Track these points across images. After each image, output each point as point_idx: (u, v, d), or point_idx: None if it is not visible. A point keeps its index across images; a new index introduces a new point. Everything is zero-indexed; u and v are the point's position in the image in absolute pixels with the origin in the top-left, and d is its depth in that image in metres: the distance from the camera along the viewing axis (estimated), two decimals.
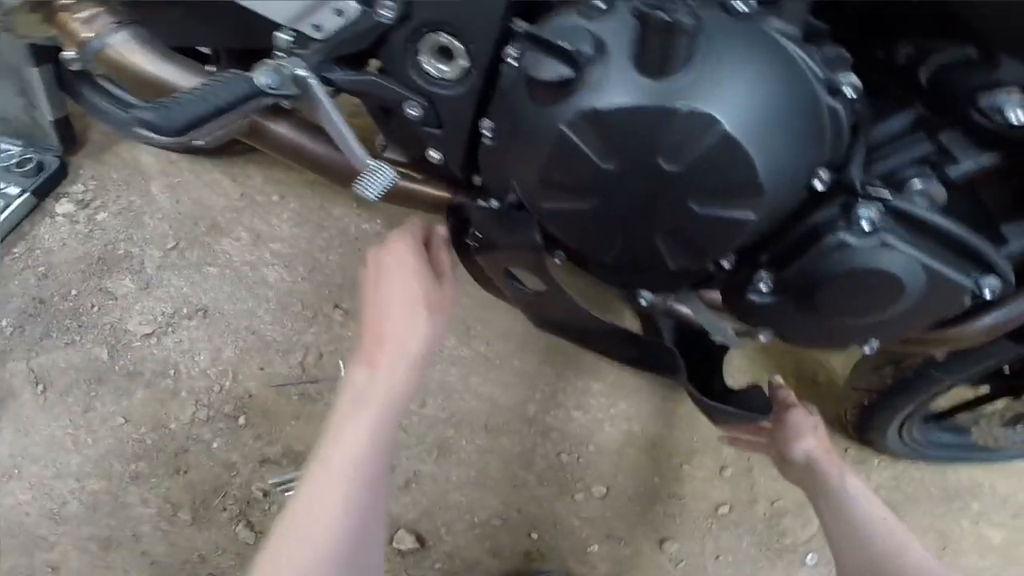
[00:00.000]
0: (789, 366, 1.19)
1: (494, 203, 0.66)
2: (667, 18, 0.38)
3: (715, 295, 0.76)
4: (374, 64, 0.67)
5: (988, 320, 0.56)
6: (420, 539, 0.98)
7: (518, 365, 1.11)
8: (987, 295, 0.48)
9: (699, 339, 0.79)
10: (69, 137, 1.18)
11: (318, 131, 0.75)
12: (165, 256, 1.13)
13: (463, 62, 0.58)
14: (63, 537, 0.93)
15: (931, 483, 1.12)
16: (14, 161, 1.14)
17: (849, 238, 0.47)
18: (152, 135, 0.53)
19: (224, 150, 1.21)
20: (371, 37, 0.59)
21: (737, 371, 1.17)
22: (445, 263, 0.61)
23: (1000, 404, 0.92)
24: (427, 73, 0.60)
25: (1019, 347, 0.67)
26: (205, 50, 0.99)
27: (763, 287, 0.54)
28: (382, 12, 0.56)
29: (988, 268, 0.48)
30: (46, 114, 1.12)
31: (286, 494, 0.99)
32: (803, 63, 0.42)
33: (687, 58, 0.40)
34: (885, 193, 0.46)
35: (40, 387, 1.01)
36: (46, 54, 1.06)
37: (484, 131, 0.59)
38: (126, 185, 1.19)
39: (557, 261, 0.66)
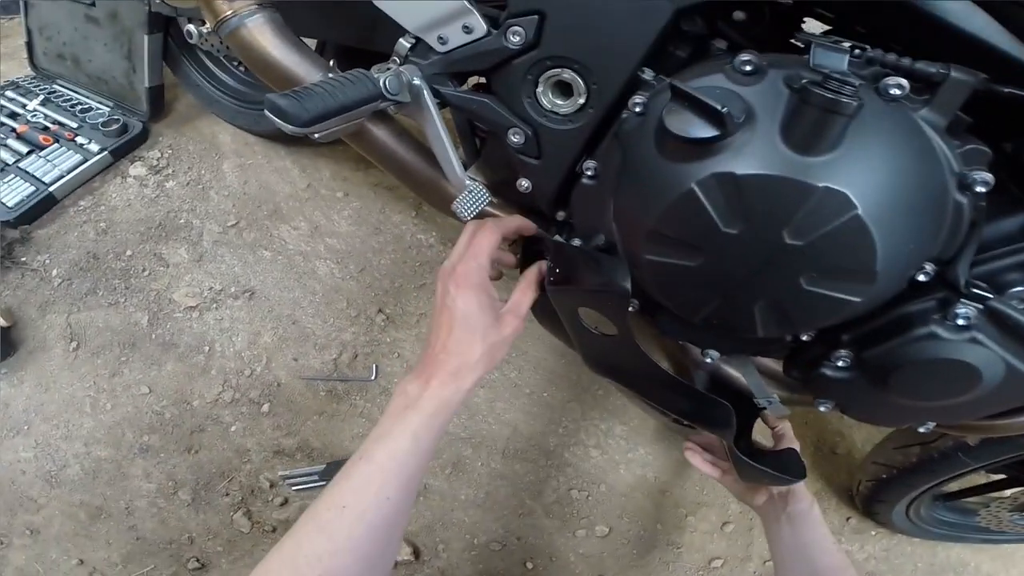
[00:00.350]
0: (810, 435, 1.19)
1: (576, 241, 0.66)
2: (831, 97, 0.38)
3: (765, 361, 0.77)
4: (470, 81, 0.67)
5: None
6: (416, 551, 0.95)
7: (546, 397, 1.10)
8: None
9: (732, 400, 0.79)
10: (158, 105, 1.19)
11: (411, 141, 0.75)
12: (224, 232, 1.12)
13: (580, 100, 0.58)
14: (53, 500, 0.90)
15: (920, 558, 1.11)
16: (101, 120, 1.15)
17: (941, 331, 0.46)
18: (282, 123, 0.53)
19: (299, 141, 1.22)
20: (493, 59, 0.59)
21: (758, 434, 1.16)
22: (523, 304, 0.61)
23: (1011, 491, 0.91)
24: (540, 104, 0.60)
25: None
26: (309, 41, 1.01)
27: (840, 363, 0.54)
28: (511, 38, 0.56)
29: None
30: (144, 80, 1.14)
31: (293, 488, 0.96)
32: (942, 156, 0.41)
33: (839, 139, 0.40)
34: (987, 295, 0.46)
35: (73, 344, 0.99)
36: (160, 24, 1.08)
37: (586, 170, 0.58)
38: (200, 159, 1.19)
39: (630, 309, 0.66)
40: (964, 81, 0.40)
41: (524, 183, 0.66)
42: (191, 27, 0.92)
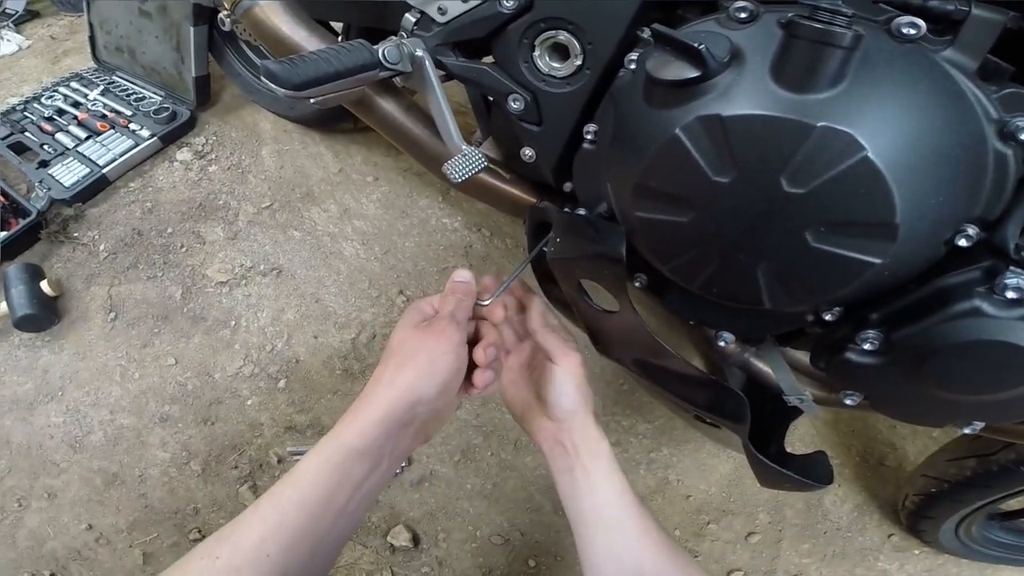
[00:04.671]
0: (857, 444, 1.07)
1: (581, 211, 0.62)
2: (821, 28, 0.33)
3: (798, 355, 0.69)
4: (487, 60, 0.66)
5: None
6: (415, 538, 0.92)
7: None
8: None
9: (766, 399, 0.71)
10: (205, 94, 1.26)
11: (420, 114, 0.74)
12: (258, 213, 1.16)
13: (577, 62, 0.55)
14: (74, 465, 0.93)
15: None
16: (153, 108, 1.23)
17: (986, 306, 0.39)
18: (274, 86, 0.53)
19: (332, 127, 1.24)
20: (490, 25, 0.58)
21: (799, 441, 1.07)
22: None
23: None
24: (537, 68, 0.58)
25: None
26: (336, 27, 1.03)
27: (868, 347, 0.46)
28: (504, 2, 0.55)
29: None
30: (191, 70, 1.21)
31: None
32: (974, 99, 0.36)
33: (837, 76, 0.35)
34: None
35: (112, 315, 1.04)
36: (205, 16, 1.15)
37: (586, 135, 0.56)
38: (241, 145, 1.24)
39: (637, 284, 0.61)
40: (989, 19, 0.34)
41: (528, 152, 0.64)
42: (222, 13, 0.95)
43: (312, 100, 0.59)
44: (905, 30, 0.35)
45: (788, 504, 1.02)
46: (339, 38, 0.87)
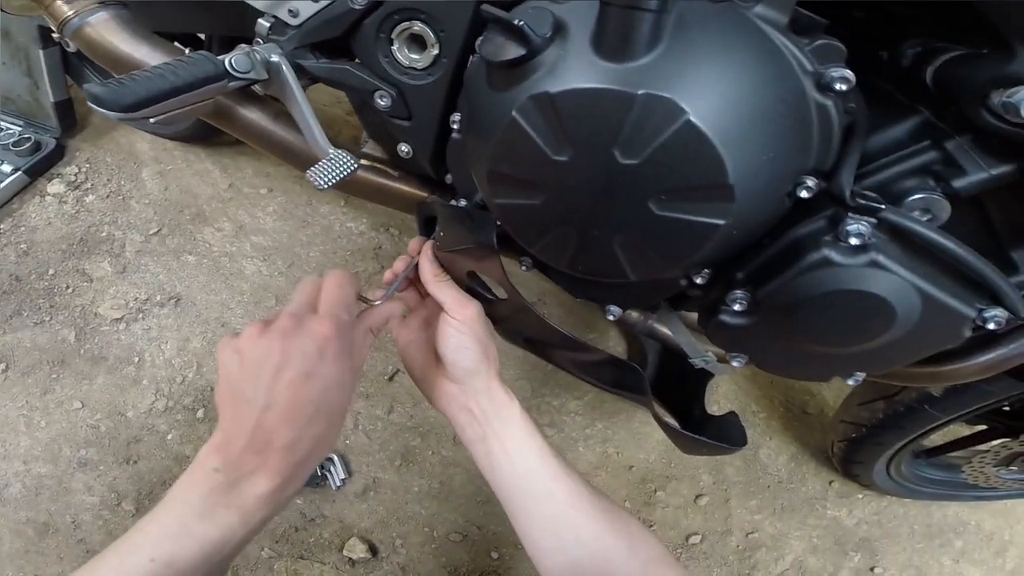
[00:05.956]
0: (778, 395, 1.12)
1: (462, 202, 0.60)
2: None
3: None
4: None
5: (990, 356, 0.48)
6: (372, 549, 0.90)
7: None
8: (991, 327, 0.41)
9: (681, 363, 0.72)
10: (69, 119, 1.15)
11: (287, 119, 0.71)
12: (146, 241, 1.08)
13: (434, 51, 0.53)
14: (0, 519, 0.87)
15: (915, 519, 1.04)
16: (12, 140, 1.12)
17: (834, 255, 0.40)
18: (102, 111, 0.48)
19: (215, 140, 1.17)
20: (344, 23, 0.56)
21: (723, 398, 1.09)
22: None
23: (992, 444, 0.83)
24: (397, 62, 0.56)
25: (1022, 385, 0.60)
26: (201, 36, 0.96)
27: (737, 307, 0.47)
28: None
29: (994, 297, 0.41)
30: (49, 95, 1.10)
31: None
32: (788, 53, 0.36)
33: (652, 41, 0.34)
34: (878, 204, 0.39)
35: (2, 366, 0.96)
36: (53, 37, 1.04)
37: (453, 124, 0.55)
38: (118, 169, 1.15)
39: (523, 268, 0.60)
40: None
41: (403, 147, 0.63)
42: (55, 35, 0.87)
43: (152, 120, 0.54)
44: None
45: (727, 463, 1.05)
46: (187, 51, 0.81)
